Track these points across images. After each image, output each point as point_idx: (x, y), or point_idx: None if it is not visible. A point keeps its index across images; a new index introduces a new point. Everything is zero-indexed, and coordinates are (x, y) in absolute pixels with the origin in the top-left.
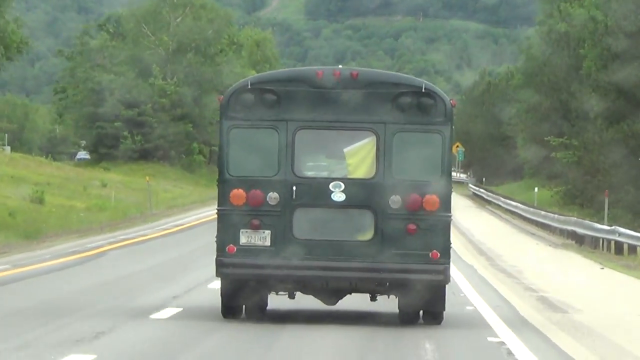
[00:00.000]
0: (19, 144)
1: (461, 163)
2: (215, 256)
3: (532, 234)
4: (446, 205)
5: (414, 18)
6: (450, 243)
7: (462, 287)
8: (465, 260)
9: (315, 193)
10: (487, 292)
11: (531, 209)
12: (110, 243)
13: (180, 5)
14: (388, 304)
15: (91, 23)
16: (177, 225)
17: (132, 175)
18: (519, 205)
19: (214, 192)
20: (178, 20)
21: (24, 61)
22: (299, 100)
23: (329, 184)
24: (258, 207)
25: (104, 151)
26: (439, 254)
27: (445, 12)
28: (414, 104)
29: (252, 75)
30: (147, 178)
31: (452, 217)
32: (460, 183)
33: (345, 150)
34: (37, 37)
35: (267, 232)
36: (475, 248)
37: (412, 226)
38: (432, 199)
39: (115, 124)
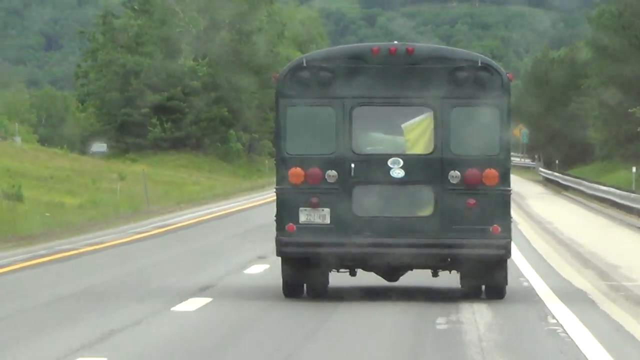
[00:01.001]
0: (58, 138)
1: (526, 146)
2: (275, 235)
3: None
4: (505, 179)
5: (470, 4)
6: (511, 217)
7: None
8: (567, 277)
9: (373, 169)
10: None
11: (632, 195)
12: (23, 260)
13: None
14: (450, 279)
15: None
16: (158, 227)
17: (162, 167)
18: (612, 190)
19: (250, 183)
20: None
21: (76, 56)
22: (355, 77)
23: (388, 160)
24: (317, 185)
25: (130, 141)
26: (499, 229)
27: None
28: (470, 78)
29: (298, 56)
30: (143, 167)
31: (511, 191)
32: (526, 168)
33: (403, 126)
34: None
35: (327, 210)
36: (572, 254)
37: (471, 201)
38: (491, 173)
39: (142, 110)
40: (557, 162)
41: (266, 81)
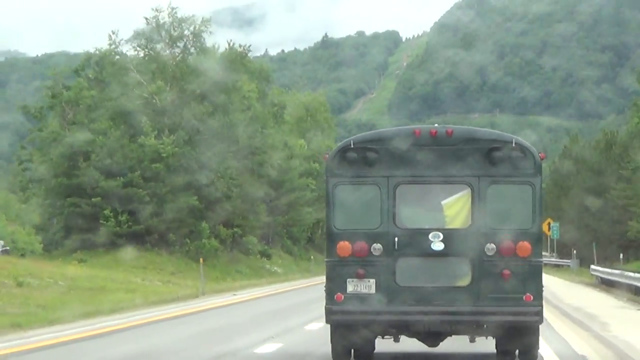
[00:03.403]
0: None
1: (556, 242)
2: (324, 304)
3: None
4: (537, 251)
5: (491, 115)
6: (543, 286)
7: None
8: None
9: (416, 243)
10: None
11: None
12: None
13: (180, 37)
14: (486, 345)
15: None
16: None
17: (115, 269)
18: None
19: (184, 290)
20: (178, 58)
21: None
22: (398, 158)
23: (429, 234)
24: (363, 258)
25: (78, 236)
26: (532, 297)
27: (521, 108)
28: (505, 158)
29: (299, 143)
30: None
31: (542, 262)
32: (558, 267)
33: (443, 202)
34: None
35: (372, 281)
36: None
37: (506, 271)
38: (524, 245)
39: (93, 199)
40: (621, 256)
41: (256, 167)
